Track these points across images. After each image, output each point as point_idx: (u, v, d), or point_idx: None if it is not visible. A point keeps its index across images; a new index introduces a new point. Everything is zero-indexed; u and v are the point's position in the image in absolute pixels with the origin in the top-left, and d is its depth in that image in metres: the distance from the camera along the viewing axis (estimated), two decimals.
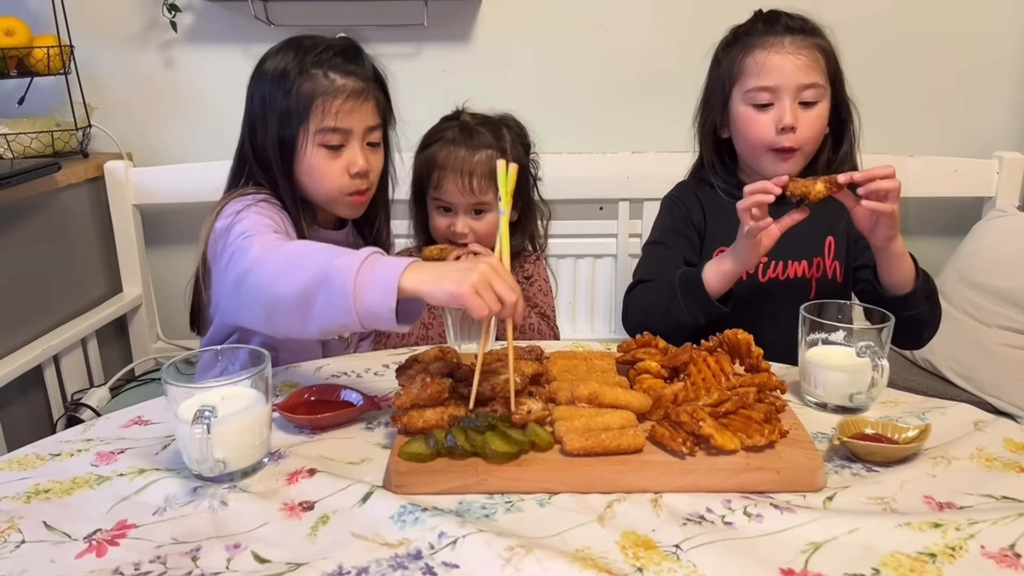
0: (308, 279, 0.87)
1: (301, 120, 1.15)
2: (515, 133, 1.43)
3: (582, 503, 0.77)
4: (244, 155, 1.22)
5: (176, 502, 0.78)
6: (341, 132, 1.16)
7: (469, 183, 1.34)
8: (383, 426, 0.94)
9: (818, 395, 0.98)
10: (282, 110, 1.15)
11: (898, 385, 1.07)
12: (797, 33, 1.24)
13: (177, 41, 1.91)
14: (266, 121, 1.17)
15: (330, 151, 1.17)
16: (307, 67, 1.15)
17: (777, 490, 0.79)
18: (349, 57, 1.18)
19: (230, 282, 0.99)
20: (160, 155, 1.96)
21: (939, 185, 1.86)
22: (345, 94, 1.15)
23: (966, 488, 0.79)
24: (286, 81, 1.15)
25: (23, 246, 1.62)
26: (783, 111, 1.22)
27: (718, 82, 1.32)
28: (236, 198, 1.15)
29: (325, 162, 1.17)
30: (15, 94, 1.79)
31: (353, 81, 1.17)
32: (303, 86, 1.14)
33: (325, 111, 1.14)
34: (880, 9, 1.88)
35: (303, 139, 1.16)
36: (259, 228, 1.05)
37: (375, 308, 0.83)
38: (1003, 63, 1.93)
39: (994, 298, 1.65)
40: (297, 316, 0.88)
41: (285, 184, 1.18)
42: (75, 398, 1.71)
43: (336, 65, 1.16)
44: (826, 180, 1.06)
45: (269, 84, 1.17)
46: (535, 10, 1.90)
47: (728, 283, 1.18)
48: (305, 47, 1.17)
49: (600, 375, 0.97)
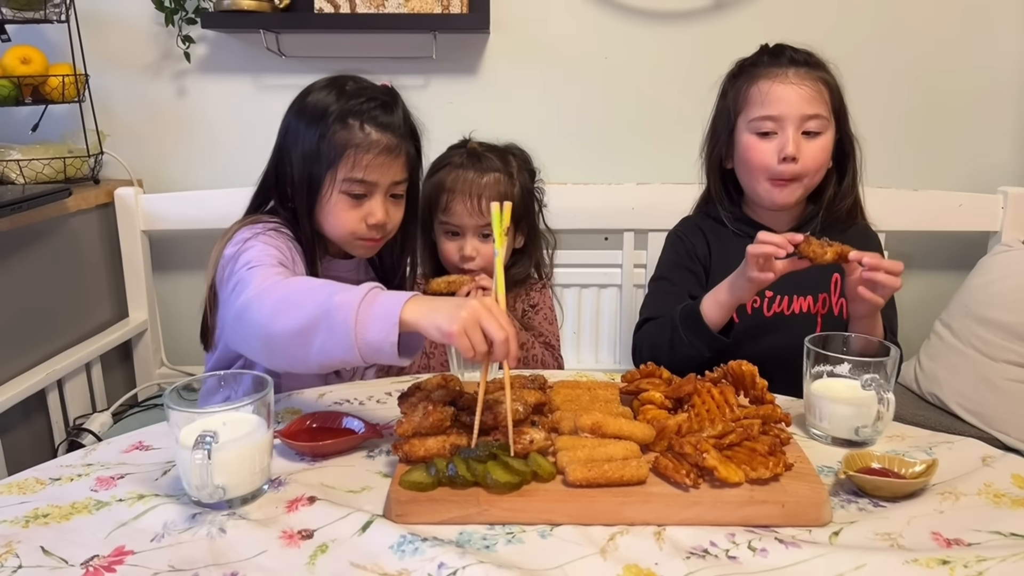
0: (308, 316, 0.88)
1: (330, 165, 1.16)
2: (521, 160, 1.45)
3: (584, 535, 0.76)
4: (268, 183, 1.24)
5: (174, 528, 0.77)
6: (367, 184, 1.18)
7: (478, 204, 1.35)
8: (384, 454, 0.93)
9: (823, 428, 0.98)
10: (314, 151, 1.17)
11: (905, 419, 1.06)
12: (802, 66, 1.26)
13: (190, 71, 1.94)
14: (296, 157, 1.19)
15: (352, 199, 1.19)
16: (345, 115, 1.17)
17: (782, 524, 0.78)
18: (388, 110, 1.20)
19: (233, 313, 0.99)
20: (170, 182, 1.98)
21: (944, 219, 1.86)
22: (378, 149, 1.17)
23: (974, 524, 0.78)
24: (323, 125, 1.16)
25: (32, 270, 1.63)
26: (786, 140, 1.23)
27: (724, 113, 1.33)
28: (248, 225, 1.17)
29: (345, 208, 1.19)
30: (29, 121, 1.82)
31: (388, 137, 1.18)
32: (338, 134, 1.16)
33: (355, 163, 1.16)
34: (885, 45, 1.90)
35: (329, 183, 1.17)
36: (264, 259, 1.06)
37: (377, 343, 0.84)
38: (1007, 99, 1.94)
39: (1001, 333, 1.64)
40: (297, 351, 0.89)
41: (304, 217, 1.20)
42: (77, 423, 1.70)
43: (374, 118, 1.18)
44: (837, 252, 1.07)
45: (306, 123, 1.18)
46: (542, 44, 1.92)
47: (726, 314, 1.19)
48: (348, 92, 1.19)
49: (603, 405, 0.96)
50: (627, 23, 1.91)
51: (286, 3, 1.82)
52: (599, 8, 1.90)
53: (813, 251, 1.08)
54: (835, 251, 1.07)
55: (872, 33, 1.90)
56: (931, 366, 1.74)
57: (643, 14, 1.90)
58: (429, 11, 1.81)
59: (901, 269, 1.08)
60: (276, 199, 1.23)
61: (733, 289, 1.17)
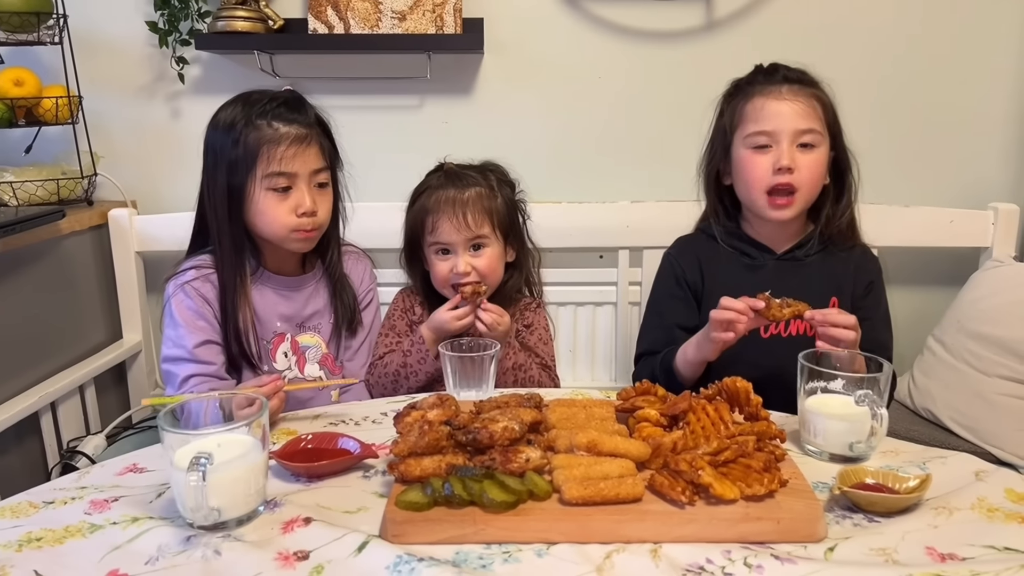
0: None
1: (249, 167, 1.26)
2: (499, 174, 1.47)
3: (581, 553, 0.76)
4: (202, 211, 1.34)
5: (169, 551, 0.77)
6: (287, 176, 1.27)
7: (464, 218, 1.37)
8: (380, 474, 0.93)
9: (818, 444, 0.98)
10: (231, 159, 1.27)
11: (899, 435, 1.07)
12: (795, 83, 1.29)
13: (184, 92, 1.94)
14: (219, 173, 1.28)
15: (278, 193, 1.28)
16: (252, 118, 1.27)
17: (777, 540, 0.78)
18: (292, 107, 1.30)
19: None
20: (164, 203, 1.97)
21: (936, 235, 1.88)
22: (288, 141, 1.27)
23: (968, 539, 0.78)
24: (234, 132, 1.26)
25: (26, 293, 1.63)
26: (780, 153, 1.25)
27: (720, 131, 1.35)
28: (174, 275, 1.32)
29: (274, 204, 1.28)
30: (23, 143, 1.82)
31: (296, 128, 1.28)
32: (250, 136, 1.26)
33: (270, 157, 1.26)
34: (876, 63, 1.93)
35: (252, 184, 1.27)
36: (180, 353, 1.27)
37: None
38: (997, 116, 1.96)
39: (994, 348, 1.64)
40: None
41: (233, 230, 1.29)
42: (71, 445, 1.69)
43: (280, 115, 1.28)
44: (794, 311, 1.14)
45: (220, 136, 1.28)
46: (536, 64, 1.94)
47: (697, 370, 1.27)
48: (252, 100, 1.29)
49: (599, 423, 0.96)
50: (620, 43, 1.92)
51: (280, 24, 1.84)
52: (592, 28, 1.92)
53: (772, 314, 1.14)
54: (792, 311, 1.14)
55: (863, 51, 1.92)
56: (924, 381, 1.75)
57: (636, 34, 1.92)
58: (423, 32, 1.82)
59: (852, 322, 1.13)
60: (212, 218, 1.31)
61: (699, 348, 1.24)
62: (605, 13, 1.91)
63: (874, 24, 1.91)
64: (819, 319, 1.13)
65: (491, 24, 1.88)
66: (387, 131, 1.92)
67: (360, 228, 1.50)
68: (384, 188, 1.61)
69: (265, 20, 1.82)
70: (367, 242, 1.55)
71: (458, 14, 1.82)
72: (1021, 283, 1.71)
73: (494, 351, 1.15)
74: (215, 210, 1.30)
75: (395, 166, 1.47)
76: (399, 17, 1.82)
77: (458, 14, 1.82)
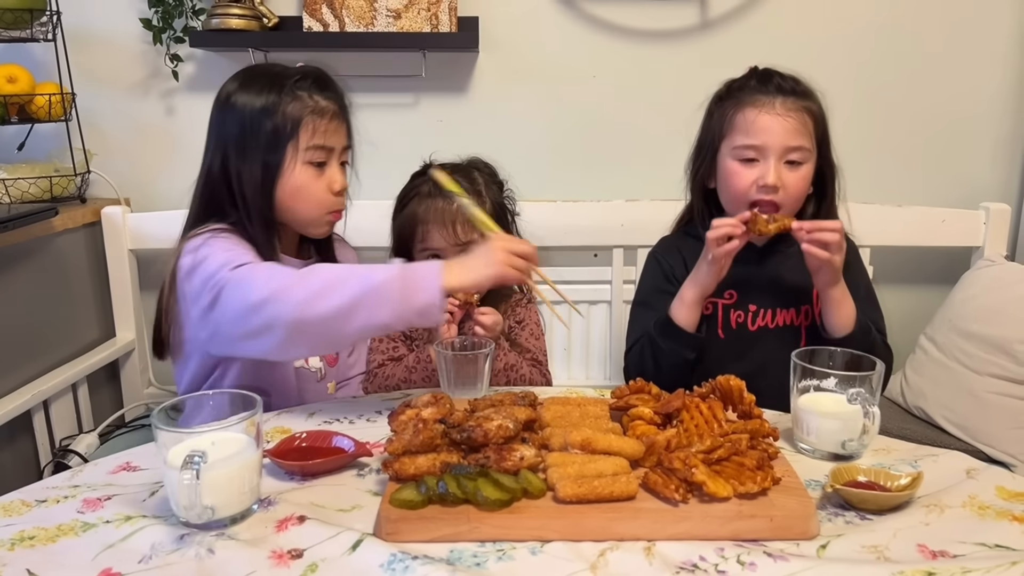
0: (350, 296, 0.99)
1: (289, 139, 1.19)
2: (486, 174, 1.46)
3: (574, 551, 0.76)
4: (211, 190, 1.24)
5: (162, 550, 0.77)
6: (326, 150, 1.22)
7: (453, 230, 1.37)
8: (375, 473, 0.93)
9: (810, 442, 0.98)
10: (268, 132, 1.19)
11: (891, 433, 1.07)
12: (789, 95, 1.27)
13: (178, 90, 1.94)
14: (245, 148, 1.20)
15: (316, 169, 1.22)
16: (291, 89, 1.20)
17: (770, 538, 0.78)
18: (326, 82, 1.25)
19: (232, 314, 1.05)
20: (157, 201, 1.97)
21: (927, 235, 1.89)
22: (330, 114, 1.23)
23: (959, 536, 0.79)
24: (269, 102, 1.19)
25: (18, 290, 1.62)
26: (767, 170, 1.24)
27: (708, 134, 1.35)
28: (191, 237, 1.19)
29: (312, 180, 1.22)
30: (15, 140, 1.81)
31: (334, 104, 1.24)
32: (291, 106, 1.20)
33: (315, 129, 1.20)
34: (869, 63, 1.93)
35: (291, 158, 1.20)
36: (238, 256, 1.10)
37: (423, 307, 0.99)
38: (988, 117, 1.97)
39: (985, 346, 1.65)
40: (332, 330, 1.01)
41: (266, 209, 1.21)
42: (63, 444, 1.69)
43: (318, 87, 1.23)
44: (780, 225, 1.21)
45: (249, 110, 1.20)
46: (531, 63, 1.94)
47: (695, 311, 1.28)
48: (277, 73, 1.23)
49: (593, 421, 0.97)
50: (615, 41, 1.93)
51: (275, 22, 1.83)
52: (587, 27, 1.92)
53: (759, 228, 1.21)
54: (778, 225, 1.21)
55: (856, 51, 1.93)
56: (916, 380, 1.76)
57: (631, 32, 1.92)
58: (418, 30, 1.82)
59: (839, 225, 1.20)
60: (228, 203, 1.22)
61: (696, 282, 1.26)
62: (600, 12, 1.91)
63: (866, 24, 1.92)
64: (808, 226, 1.19)
65: (486, 22, 1.88)
66: (382, 129, 1.92)
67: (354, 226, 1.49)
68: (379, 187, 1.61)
69: (259, 17, 1.82)
70: (361, 240, 1.54)
71: (453, 12, 1.82)
72: (1012, 282, 1.72)
73: (488, 350, 1.15)
74: (246, 189, 1.20)
75: (390, 164, 1.46)
76: (394, 15, 1.82)
77: (453, 12, 1.82)
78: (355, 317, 0.99)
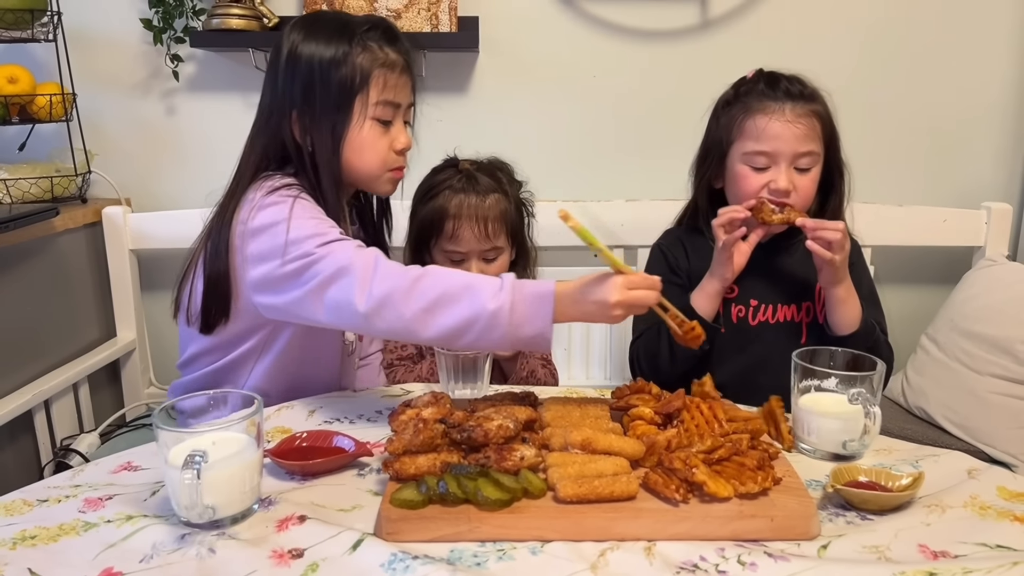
0: (460, 319, 0.97)
1: (360, 90, 1.13)
2: (507, 174, 1.45)
3: (575, 551, 0.76)
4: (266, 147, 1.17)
5: (163, 549, 0.77)
6: (393, 106, 1.16)
7: (484, 228, 1.35)
8: (375, 472, 0.93)
9: (811, 442, 0.98)
10: (339, 82, 1.12)
11: (892, 433, 1.07)
12: (797, 99, 1.28)
13: (179, 90, 1.94)
14: (314, 103, 1.12)
15: (381, 125, 1.16)
16: (363, 38, 1.13)
17: (771, 538, 0.78)
18: (395, 34, 1.18)
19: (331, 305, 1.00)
20: (158, 201, 1.97)
21: (929, 235, 1.88)
22: (399, 68, 1.16)
23: (960, 537, 0.79)
24: (339, 52, 1.12)
25: (19, 290, 1.62)
26: (778, 175, 1.26)
27: (716, 137, 1.35)
28: (258, 188, 1.12)
29: (377, 137, 1.16)
30: (16, 140, 1.81)
31: (402, 58, 1.17)
32: (361, 57, 1.12)
33: (385, 83, 1.14)
34: (871, 63, 1.93)
35: (359, 112, 1.13)
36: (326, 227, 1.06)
37: (531, 339, 0.97)
38: (990, 117, 1.97)
39: (986, 346, 1.65)
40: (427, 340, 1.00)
41: (335, 166, 1.14)
42: (65, 444, 1.69)
43: (388, 39, 1.16)
44: (784, 218, 1.24)
45: (317, 61, 1.12)
46: (531, 62, 1.94)
47: (715, 301, 1.29)
48: (345, 22, 1.15)
49: (593, 421, 0.97)
50: (615, 41, 1.93)
51: (275, 22, 1.83)
52: (587, 27, 1.92)
53: (764, 217, 1.24)
54: (783, 217, 1.24)
55: (858, 51, 1.92)
56: (918, 380, 1.75)
57: (631, 32, 1.92)
58: (418, 30, 1.82)
59: (842, 226, 1.22)
60: (294, 156, 1.15)
61: (714, 272, 1.28)
62: (600, 12, 1.91)
63: (868, 23, 1.91)
64: (811, 225, 1.21)
65: (486, 22, 1.88)
66: None
67: None
68: None
69: (260, 18, 1.82)
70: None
71: (453, 12, 1.82)
72: (1014, 282, 1.72)
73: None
74: (317, 147, 1.13)
75: None
76: (394, 15, 1.82)
77: (453, 12, 1.82)
78: (462, 338, 0.98)
